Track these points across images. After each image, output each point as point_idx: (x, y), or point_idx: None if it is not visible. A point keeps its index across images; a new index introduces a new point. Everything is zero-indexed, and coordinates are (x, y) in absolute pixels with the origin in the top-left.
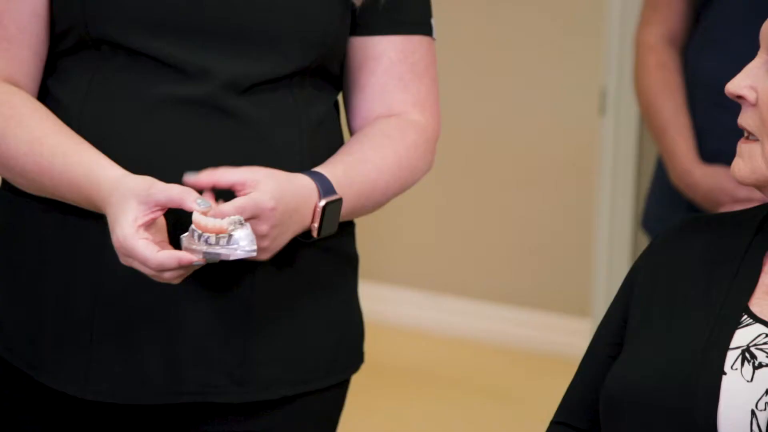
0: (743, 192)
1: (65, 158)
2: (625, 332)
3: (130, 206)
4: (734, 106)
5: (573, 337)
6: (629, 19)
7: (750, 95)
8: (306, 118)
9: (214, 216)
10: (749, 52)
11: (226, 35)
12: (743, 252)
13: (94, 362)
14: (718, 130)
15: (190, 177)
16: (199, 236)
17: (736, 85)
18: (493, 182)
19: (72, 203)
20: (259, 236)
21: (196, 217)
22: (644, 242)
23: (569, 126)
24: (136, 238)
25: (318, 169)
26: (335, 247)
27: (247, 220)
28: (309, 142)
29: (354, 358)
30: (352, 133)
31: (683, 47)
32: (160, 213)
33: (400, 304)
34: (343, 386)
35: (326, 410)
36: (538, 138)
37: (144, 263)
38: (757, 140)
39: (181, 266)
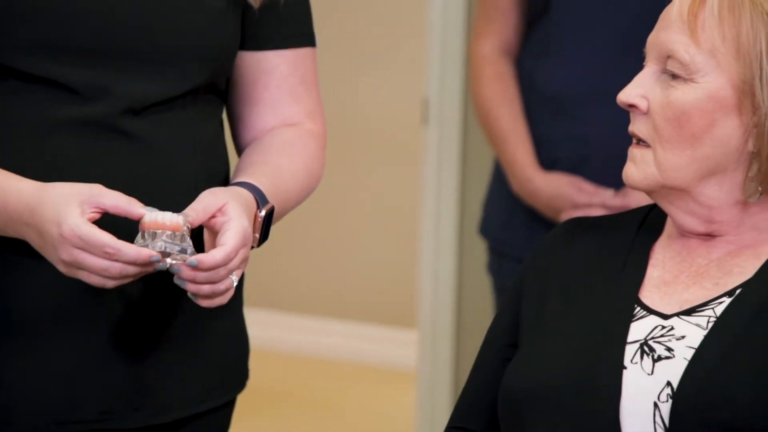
0: (583, 198)
1: None
2: (517, 335)
3: (73, 202)
4: (571, 114)
5: (401, 348)
6: (450, 29)
7: (642, 104)
8: (199, 137)
9: (225, 261)
10: (585, 63)
11: (122, 55)
12: (628, 247)
13: None
14: (555, 138)
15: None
16: (153, 235)
17: (627, 95)
18: (318, 196)
19: None
20: (244, 263)
21: (149, 216)
22: (471, 251)
23: (393, 136)
24: (90, 226)
25: (245, 179)
26: None
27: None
28: (203, 161)
29: (242, 376)
30: (241, 145)
31: (517, 57)
32: (98, 215)
33: None
34: (231, 405)
35: (217, 430)
36: (362, 149)
37: (104, 247)
38: (648, 146)
39: (137, 261)
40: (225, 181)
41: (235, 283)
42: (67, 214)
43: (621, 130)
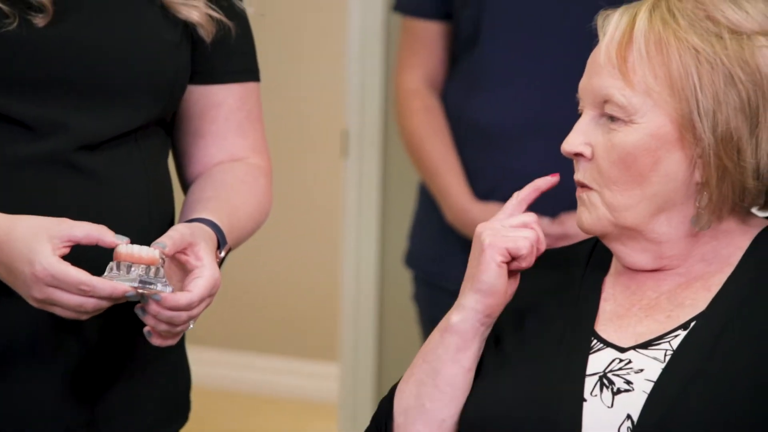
0: None
1: None
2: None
3: (43, 238)
4: (503, 146)
5: (323, 381)
6: (369, 62)
7: (587, 151)
8: (152, 171)
9: (187, 307)
10: (516, 96)
11: (78, 89)
12: (579, 282)
13: None
14: (489, 170)
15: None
16: (128, 268)
17: (572, 144)
18: None
19: None
20: (204, 306)
21: (126, 249)
22: (392, 283)
23: (313, 168)
24: (64, 264)
25: (205, 215)
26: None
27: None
28: (155, 195)
29: (186, 409)
30: (187, 179)
31: (441, 90)
32: (69, 250)
33: None
34: None
35: None
36: (282, 182)
37: (79, 285)
38: (594, 189)
39: (112, 296)
40: (172, 215)
41: (191, 327)
42: (39, 252)
43: (554, 160)
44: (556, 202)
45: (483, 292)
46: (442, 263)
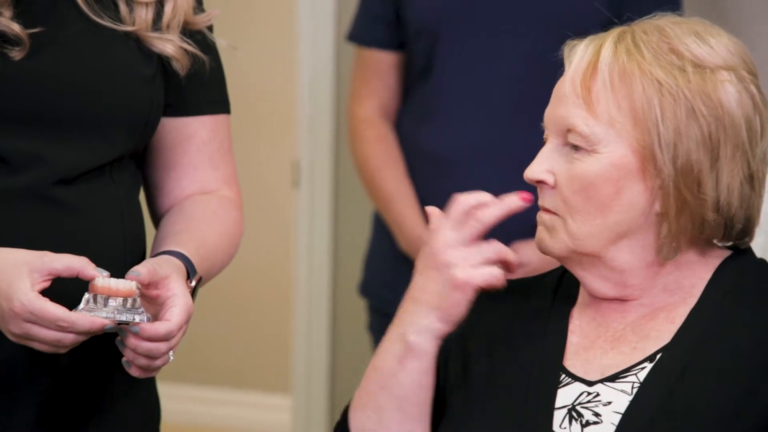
0: None
1: None
2: (442, 400)
3: (23, 273)
4: (456, 173)
5: (276, 413)
6: (319, 94)
7: (549, 179)
8: (126, 204)
9: (166, 336)
10: (469, 124)
11: (54, 123)
12: (547, 314)
13: None
14: (441, 198)
15: (101, 280)
16: (105, 300)
17: (534, 171)
18: None
19: None
20: (182, 335)
21: (102, 281)
22: (345, 313)
23: (265, 199)
24: (42, 300)
25: (174, 247)
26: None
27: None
28: (129, 229)
29: None
30: (158, 212)
31: (395, 119)
32: (49, 283)
33: None
34: None
35: None
36: None
37: (57, 321)
38: (558, 215)
39: (90, 331)
40: (144, 248)
41: (171, 359)
42: (17, 289)
43: (508, 186)
44: (508, 230)
45: (449, 322)
46: (395, 292)
